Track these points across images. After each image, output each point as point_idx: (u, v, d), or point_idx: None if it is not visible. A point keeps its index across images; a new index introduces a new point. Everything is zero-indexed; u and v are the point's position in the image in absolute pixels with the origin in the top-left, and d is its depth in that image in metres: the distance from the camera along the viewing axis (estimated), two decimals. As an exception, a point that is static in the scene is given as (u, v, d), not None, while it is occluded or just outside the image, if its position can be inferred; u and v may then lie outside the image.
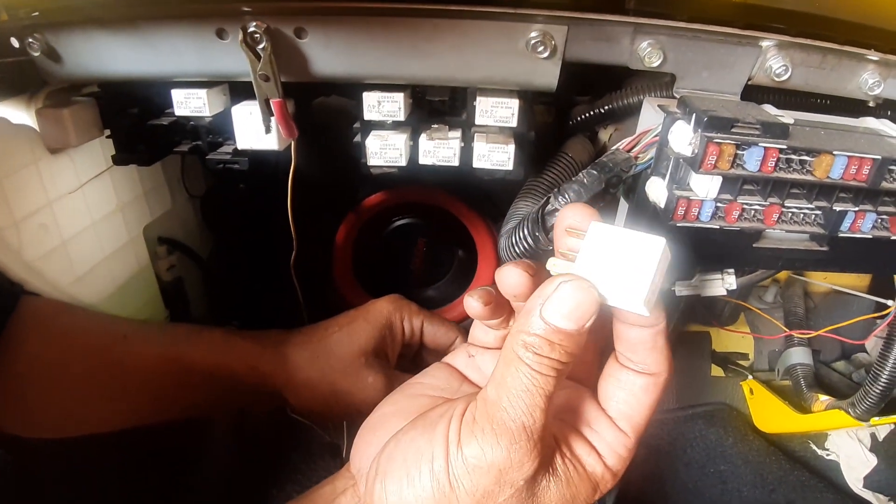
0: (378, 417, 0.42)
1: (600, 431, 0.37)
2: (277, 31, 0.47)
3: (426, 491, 0.33)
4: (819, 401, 0.90)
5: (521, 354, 0.32)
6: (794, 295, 1.01)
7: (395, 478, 0.35)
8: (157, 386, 0.59)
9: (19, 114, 0.61)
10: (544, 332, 0.32)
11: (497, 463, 0.32)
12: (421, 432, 0.35)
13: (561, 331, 0.32)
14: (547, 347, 0.32)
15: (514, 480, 0.32)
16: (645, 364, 0.36)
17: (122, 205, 0.76)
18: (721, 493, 0.97)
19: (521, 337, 0.33)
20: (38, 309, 0.58)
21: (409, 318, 0.63)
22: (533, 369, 0.32)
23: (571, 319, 0.32)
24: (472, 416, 0.34)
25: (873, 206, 0.44)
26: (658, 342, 0.35)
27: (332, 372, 0.59)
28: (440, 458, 0.33)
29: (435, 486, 0.33)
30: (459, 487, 0.32)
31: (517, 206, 0.59)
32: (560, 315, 0.32)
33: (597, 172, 0.46)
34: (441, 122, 0.55)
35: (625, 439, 0.37)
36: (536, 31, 0.46)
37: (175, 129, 0.59)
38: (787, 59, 0.47)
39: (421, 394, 0.43)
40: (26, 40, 0.50)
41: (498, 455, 0.32)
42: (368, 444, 0.40)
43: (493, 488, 0.32)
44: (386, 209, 0.89)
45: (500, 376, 0.33)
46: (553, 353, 0.32)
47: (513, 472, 0.32)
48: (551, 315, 0.32)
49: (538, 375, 0.32)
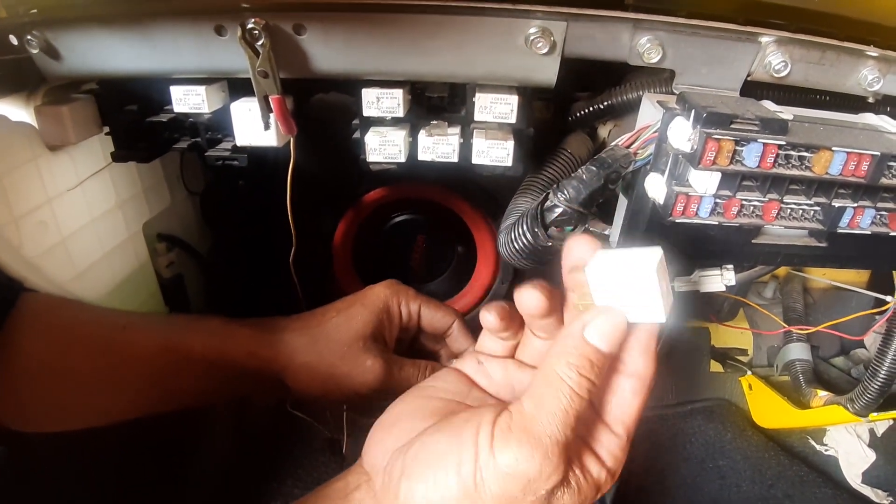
0: (392, 417, 0.43)
1: (599, 438, 0.39)
2: (276, 28, 0.47)
3: (451, 492, 0.35)
4: (818, 396, 0.90)
5: (565, 374, 0.35)
6: (793, 291, 1.02)
7: (421, 478, 0.36)
8: (157, 375, 0.59)
9: (18, 111, 0.61)
10: (587, 353, 0.36)
11: (528, 473, 0.34)
12: (447, 436, 0.37)
13: (599, 351, 0.36)
14: (588, 367, 0.35)
15: (537, 490, 0.34)
16: (635, 366, 0.38)
17: (122, 202, 0.76)
18: (720, 487, 0.97)
19: (565, 358, 0.36)
20: (37, 304, 0.58)
21: (406, 303, 0.64)
22: (573, 390, 0.35)
23: (608, 341, 0.36)
24: (507, 425, 0.35)
25: (872, 203, 0.44)
26: (650, 345, 0.38)
27: (331, 356, 0.60)
28: (468, 462, 0.35)
29: (460, 487, 0.35)
30: (486, 491, 0.35)
31: (516, 202, 0.59)
32: (601, 337, 0.36)
33: (596, 168, 0.46)
34: (440, 119, 0.55)
35: (620, 441, 0.39)
36: (535, 27, 0.46)
37: (174, 125, 0.59)
38: (787, 54, 0.47)
39: (433, 396, 0.44)
40: (25, 37, 0.50)
41: (531, 466, 0.34)
42: (383, 442, 0.41)
43: (517, 496, 0.34)
44: (385, 205, 0.89)
45: (539, 393, 0.36)
46: (592, 374, 0.36)
47: (540, 482, 0.34)
48: (594, 337, 0.36)
49: (576, 397, 0.35)
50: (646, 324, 0.38)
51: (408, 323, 0.64)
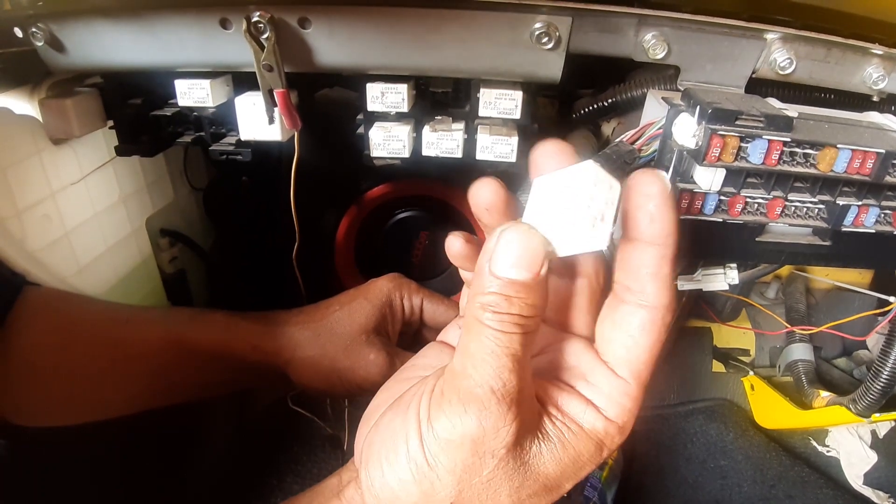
0: (374, 406, 0.40)
1: (597, 383, 0.34)
2: (281, 21, 0.47)
3: (405, 473, 0.32)
4: (820, 397, 0.90)
5: (480, 316, 0.30)
6: (795, 291, 1.01)
7: (375, 463, 0.34)
8: (160, 368, 0.59)
9: (22, 104, 0.61)
10: (498, 288, 0.30)
11: (469, 433, 0.30)
12: (395, 413, 0.34)
13: (514, 282, 0.30)
14: (505, 303, 0.30)
15: (493, 450, 0.31)
16: (643, 293, 0.32)
17: (125, 196, 0.76)
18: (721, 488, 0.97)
19: (476, 299, 0.30)
20: (40, 298, 0.58)
21: (408, 296, 0.64)
22: (495, 329, 0.30)
23: (522, 267, 0.30)
24: (440, 390, 0.32)
25: (877, 201, 0.44)
26: (662, 269, 0.32)
27: (334, 350, 0.60)
28: (414, 437, 0.32)
29: (413, 467, 0.32)
30: (438, 465, 0.31)
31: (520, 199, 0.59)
32: (509, 265, 0.30)
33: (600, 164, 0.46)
34: (444, 114, 0.55)
35: (625, 386, 0.34)
36: (541, 22, 0.46)
37: (178, 119, 0.58)
38: (792, 52, 0.47)
39: (413, 376, 0.40)
40: (30, 30, 0.50)
41: (468, 425, 0.30)
42: (363, 434, 0.39)
43: (473, 461, 0.31)
44: (388, 201, 0.89)
45: (463, 345, 0.31)
46: (513, 308, 0.30)
47: (489, 440, 0.30)
48: (500, 268, 0.30)
49: (501, 335, 0.30)
50: (653, 239, 0.31)
51: (410, 317, 0.64)
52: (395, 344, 0.62)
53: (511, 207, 0.36)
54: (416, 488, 0.32)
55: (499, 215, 0.36)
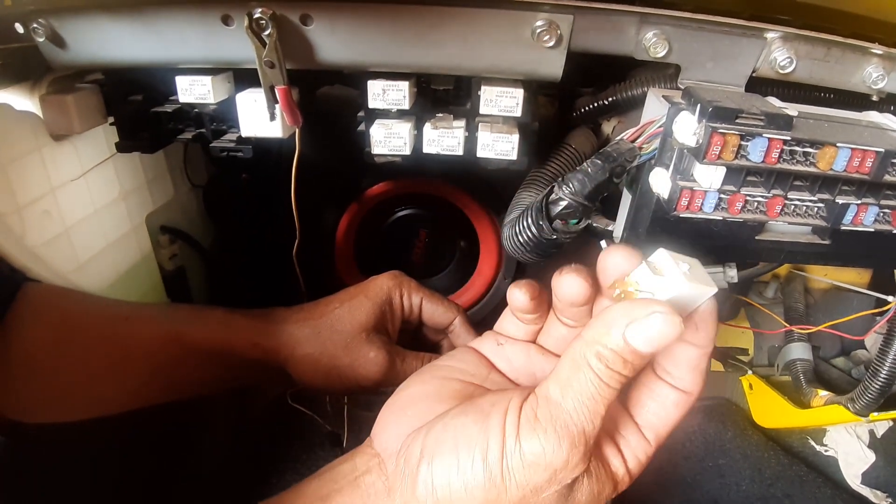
0: (406, 397, 0.42)
1: (627, 437, 0.38)
2: (283, 18, 0.47)
3: (477, 479, 0.34)
4: (818, 396, 0.90)
5: (594, 364, 0.33)
6: (794, 291, 1.01)
7: (443, 462, 0.35)
8: (159, 365, 0.59)
9: (23, 100, 0.61)
10: (622, 351, 0.33)
11: (554, 463, 0.33)
12: (473, 420, 0.36)
13: (638, 352, 0.33)
14: (620, 364, 0.33)
15: (563, 479, 0.34)
16: (683, 381, 0.37)
17: (125, 193, 0.76)
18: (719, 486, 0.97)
19: (596, 347, 0.34)
20: (39, 295, 0.58)
21: (408, 295, 0.64)
22: (602, 380, 0.33)
23: (652, 345, 0.33)
24: (532, 412, 0.34)
25: (876, 200, 0.44)
26: (702, 364, 0.37)
27: (334, 347, 0.60)
28: (495, 449, 0.34)
29: (487, 475, 0.34)
30: (511, 480, 0.33)
31: (520, 196, 0.59)
32: (644, 339, 0.33)
33: (601, 162, 0.46)
34: (446, 112, 0.55)
35: (647, 447, 0.38)
36: (542, 19, 0.46)
37: (179, 116, 0.59)
38: (792, 51, 0.47)
39: (451, 377, 0.43)
40: (31, 26, 0.50)
41: (558, 456, 0.33)
42: (397, 424, 0.40)
43: (544, 485, 0.34)
44: (388, 199, 0.89)
45: (566, 379, 0.34)
46: (625, 371, 0.33)
47: (566, 472, 0.34)
48: (635, 338, 0.33)
49: (605, 387, 0.33)
50: (697, 343, 0.37)
51: (409, 315, 0.64)
52: (395, 342, 0.62)
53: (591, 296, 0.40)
54: (481, 494, 0.34)
55: (581, 307, 0.41)
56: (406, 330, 0.66)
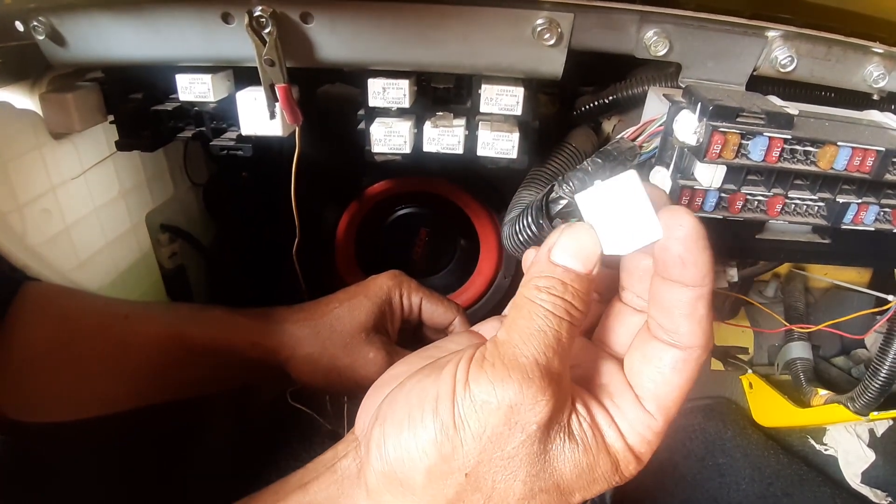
0: (389, 376, 0.40)
1: (623, 407, 0.34)
2: (283, 16, 0.47)
3: (428, 432, 0.31)
4: (818, 395, 0.90)
5: (534, 296, 0.32)
6: (794, 290, 1.02)
7: (395, 420, 0.33)
8: (159, 364, 0.59)
9: (23, 99, 0.61)
10: (555, 273, 0.32)
11: (507, 399, 0.30)
12: (427, 374, 0.34)
13: (571, 271, 0.32)
14: (560, 287, 0.32)
15: (525, 423, 0.31)
16: (678, 334, 0.32)
17: (125, 191, 0.76)
18: (719, 485, 0.97)
19: (532, 282, 0.32)
20: (39, 293, 0.58)
21: (408, 295, 0.63)
22: (546, 310, 0.31)
23: (579, 259, 0.32)
24: (481, 355, 0.32)
25: (876, 199, 0.44)
26: (697, 309, 0.32)
27: (333, 347, 0.60)
28: (446, 398, 0.32)
29: (438, 427, 0.31)
30: (465, 428, 0.31)
31: (520, 194, 0.59)
32: (568, 255, 0.32)
33: (601, 161, 0.46)
34: (446, 110, 0.55)
35: (650, 421, 0.33)
36: (543, 18, 0.46)
37: (179, 114, 0.58)
38: (793, 49, 0.47)
39: (438, 356, 0.40)
40: (31, 24, 0.50)
41: (509, 389, 0.30)
42: (374, 403, 0.38)
43: (503, 430, 0.31)
44: (389, 198, 0.89)
45: (511, 320, 0.32)
46: (566, 295, 0.32)
47: (525, 411, 0.30)
48: (561, 257, 0.32)
49: (552, 316, 0.31)
50: (687, 281, 0.31)
51: (409, 315, 0.64)
52: (394, 342, 0.62)
53: None
54: (434, 450, 0.31)
55: None
56: (406, 329, 0.66)
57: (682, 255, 0.31)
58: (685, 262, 0.31)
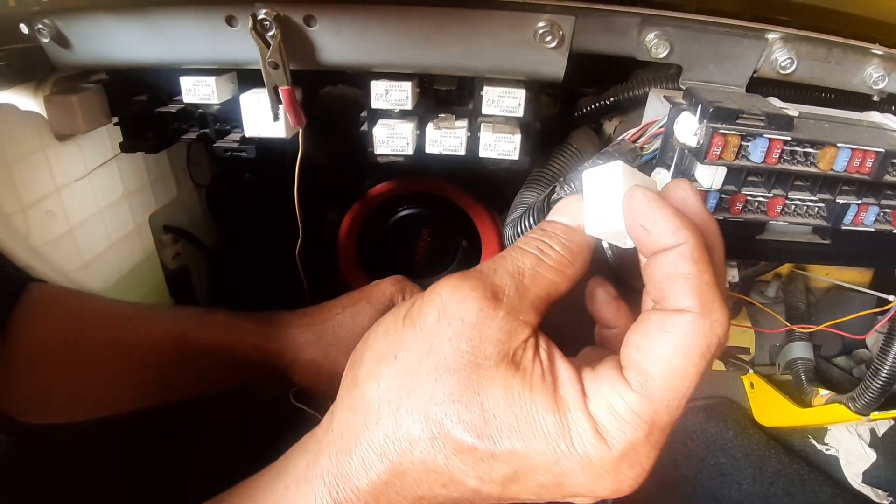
0: None
1: (599, 372, 0.30)
2: (287, 19, 0.47)
3: (382, 326, 0.35)
4: (819, 395, 0.90)
5: (521, 242, 0.35)
6: (795, 290, 1.02)
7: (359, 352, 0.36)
8: (161, 366, 0.59)
9: (27, 100, 0.61)
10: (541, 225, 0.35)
11: (442, 293, 0.32)
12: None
13: (553, 221, 0.35)
14: (538, 232, 0.35)
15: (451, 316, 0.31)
16: (664, 300, 0.29)
17: (129, 192, 0.76)
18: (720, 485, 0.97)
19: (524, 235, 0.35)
20: (43, 295, 0.58)
21: None
22: (517, 247, 0.34)
23: (561, 213, 0.35)
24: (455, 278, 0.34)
25: (876, 200, 0.45)
26: (679, 268, 0.28)
27: (336, 353, 0.60)
28: (410, 303, 0.34)
29: (390, 320, 0.35)
30: (410, 323, 0.33)
31: (522, 195, 0.59)
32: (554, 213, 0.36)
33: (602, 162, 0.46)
34: (448, 112, 0.55)
35: (626, 393, 0.28)
36: (544, 21, 0.47)
37: (183, 116, 0.59)
38: (793, 51, 0.48)
39: None
40: (36, 26, 0.50)
41: (447, 286, 0.32)
42: None
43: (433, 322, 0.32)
44: (391, 199, 0.89)
45: (491, 259, 0.35)
46: (543, 236, 0.34)
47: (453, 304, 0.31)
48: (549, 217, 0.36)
49: (517, 250, 0.34)
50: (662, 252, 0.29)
51: None
52: None
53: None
54: (382, 338, 0.35)
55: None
56: None
57: (640, 222, 0.30)
58: (647, 228, 0.29)
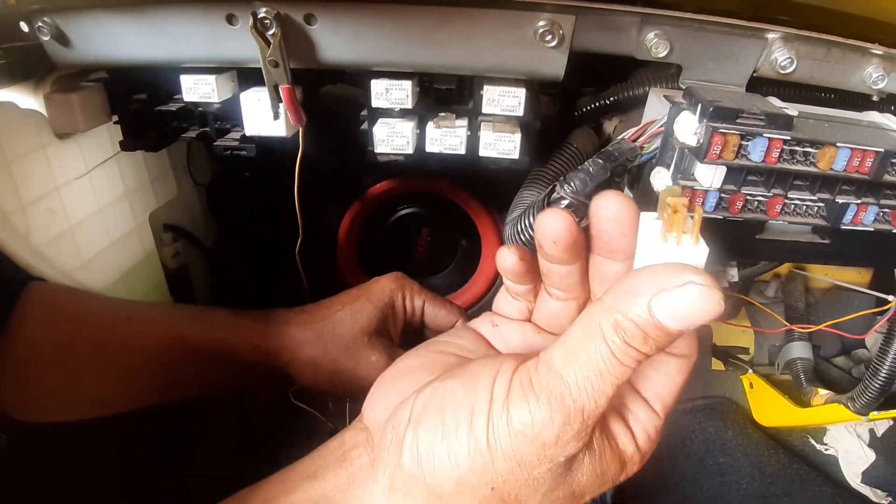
0: (400, 369, 0.40)
1: (635, 411, 0.35)
2: (287, 18, 0.47)
3: (462, 445, 0.31)
4: (819, 395, 0.91)
5: (608, 336, 0.29)
6: (795, 290, 1.02)
7: (428, 427, 0.32)
8: (161, 366, 0.59)
9: (27, 99, 0.61)
10: (644, 324, 0.28)
11: (543, 436, 0.30)
12: (461, 382, 0.33)
13: (664, 328, 0.28)
14: (640, 340, 0.29)
15: (555, 456, 0.30)
16: (678, 348, 0.35)
17: (129, 191, 0.76)
18: (719, 485, 0.97)
19: (615, 316, 0.29)
20: (43, 293, 0.58)
21: (410, 297, 0.63)
22: (615, 356, 0.29)
23: (682, 323, 0.28)
24: (528, 377, 0.31)
25: (875, 200, 0.45)
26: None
27: (336, 351, 0.59)
28: (481, 414, 0.31)
29: (472, 442, 0.31)
30: (497, 448, 0.30)
31: (522, 195, 0.59)
32: (672, 315, 0.28)
33: (602, 161, 0.46)
34: (448, 111, 0.55)
35: (656, 420, 0.36)
36: (544, 20, 0.47)
37: (183, 114, 0.59)
38: (793, 51, 0.48)
39: (447, 351, 0.40)
40: (35, 24, 0.50)
41: (548, 430, 0.29)
42: (387, 395, 0.38)
43: (532, 460, 0.30)
44: (391, 198, 0.89)
45: (573, 349, 0.30)
46: (644, 347, 0.29)
47: (557, 448, 0.30)
48: (662, 311, 0.28)
49: (618, 364, 0.29)
50: None
51: (412, 318, 0.64)
52: (397, 345, 0.62)
53: (581, 243, 0.36)
54: (466, 463, 0.31)
55: (566, 250, 0.36)
56: (408, 332, 0.66)
57: None
58: None
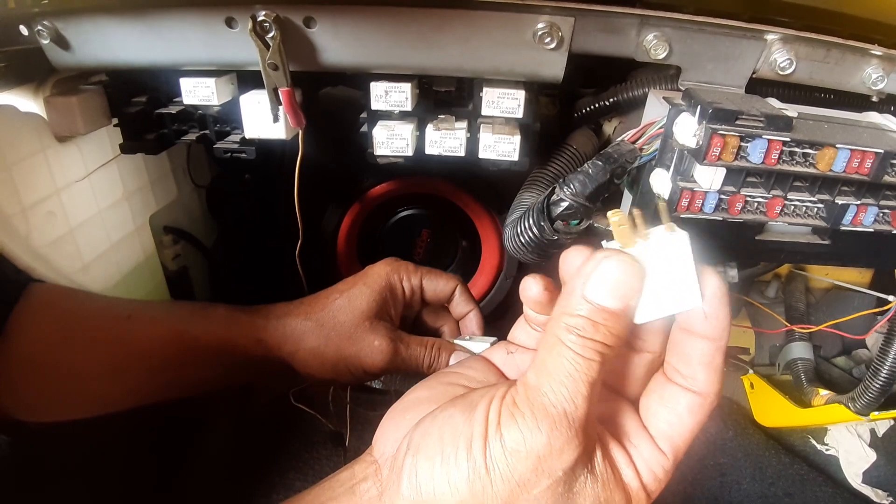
0: (411, 400, 0.40)
1: (640, 447, 0.35)
2: (287, 21, 0.47)
3: (461, 472, 0.32)
4: (819, 395, 0.90)
5: (564, 338, 0.31)
6: (795, 290, 1.02)
7: (427, 454, 0.33)
8: (162, 364, 0.59)
9: (27, 102, 0.61)
10: (588, 312, 0.31)
11: (536, 449, 0.31)
12: (460, 410, 0.34)
13: (605, 309, 0.31)
14: (591, 329, 0.31)
15: (552, 469, 0.31)
16: (694, 380, 0.34)
17: (129, 193, 0.76)
18: (720, 485, 0.97)
19: (563, 320, 0.31)
20: (42, 295, 0.58)
21: (407, 277, 0.63)
22: (576, 353, 0.31)
23: (615, 296, 0.31)
24: (511, 399, 0.32)
25: (875, 200, 0.45)
26: (716, 360, 0.34)
27: (338, 338, 0.59)
28: (479, 439, 0.32)
29: (471, 467, 0.31)
30: (495, 470, 0.31)
31: (522, 196, 0.59)
32: (603, 292, 0.31)
33: (602, 163, 0.46)
34: (448, 113, 0.55)
35: (663, 460, 0.35)
36: (543, 22, 0.47)
37: (183, 117, 0.59)
38: (792, 52, 0.48)
39: (458, 383, 0.41)
40: (35, 28, 0.51)
41: (538, 441, 0.30)
42: (395, 428, 0.38)
43: (531, 476, 0.31)
44: (391, 200, 0.89)
45: (540, 361, 0.32)
46: (597, 335, 0.31)
47: (552, 459, 0.31)
48: (594, 293, 0.31)
49: (581, 360, 0.31)
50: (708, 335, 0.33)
51: (411, 298, 0.64)
52: (398, 327, 0.62)
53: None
54: (466, 488, 0.32)
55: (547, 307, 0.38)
56: (407, 315, 0.66)
57: (707, 311, 0.33)
58: (709, 317, 0.33)
